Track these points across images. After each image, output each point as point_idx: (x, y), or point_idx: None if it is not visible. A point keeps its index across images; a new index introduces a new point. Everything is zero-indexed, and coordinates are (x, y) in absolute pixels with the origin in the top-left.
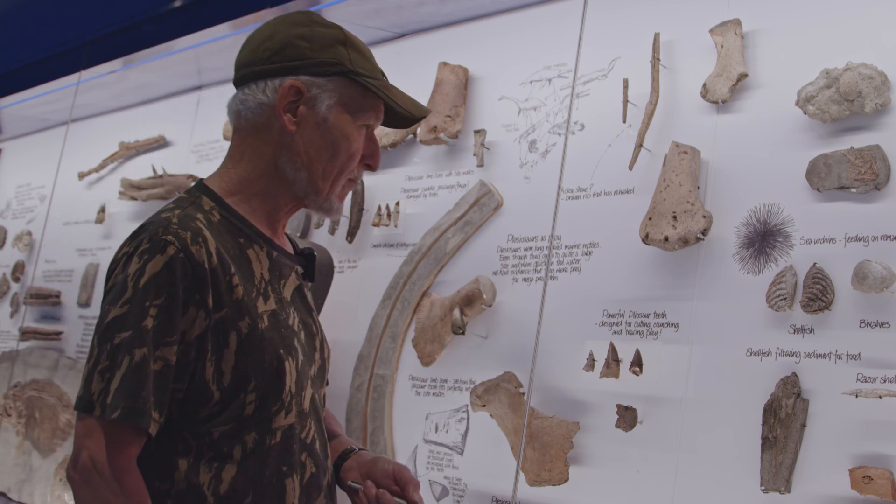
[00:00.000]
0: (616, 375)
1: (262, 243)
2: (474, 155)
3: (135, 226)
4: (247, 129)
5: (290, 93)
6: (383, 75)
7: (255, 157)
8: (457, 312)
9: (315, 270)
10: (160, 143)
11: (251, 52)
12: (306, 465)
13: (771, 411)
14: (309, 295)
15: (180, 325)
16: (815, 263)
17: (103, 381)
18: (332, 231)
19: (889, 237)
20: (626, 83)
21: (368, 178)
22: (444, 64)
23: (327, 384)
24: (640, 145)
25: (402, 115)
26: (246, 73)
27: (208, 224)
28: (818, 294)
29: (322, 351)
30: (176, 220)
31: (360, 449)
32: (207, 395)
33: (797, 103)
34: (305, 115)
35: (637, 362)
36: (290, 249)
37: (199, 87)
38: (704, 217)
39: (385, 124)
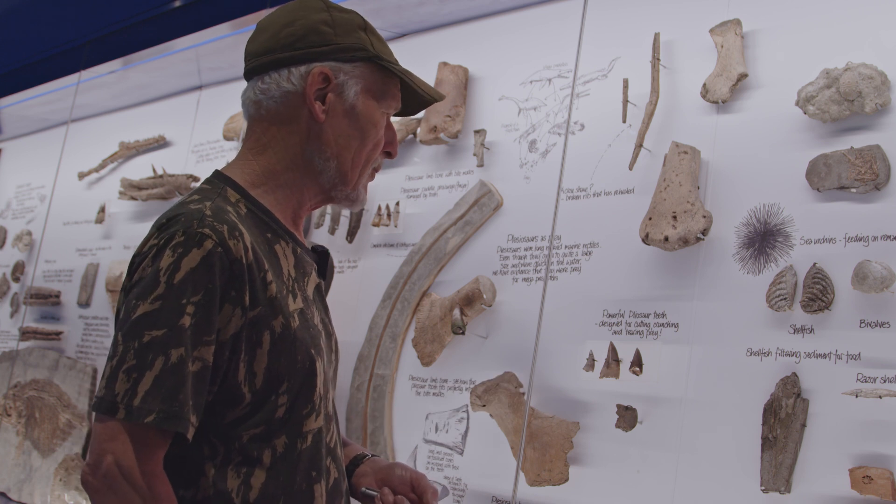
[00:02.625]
0: (616, 375)
1: (288, 239)
2: (474, 155)
3: (135, 226)
4: (269, 119)
5: (318, 79)
6: (397, 62)
7: (280, 149)
8: (457, 312)
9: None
10: (160, 143)
11: (270, 39)
12: (331, 471)
13: (771, 411)
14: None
15: (216, 324)
16: (815, 263)
17: (129, 381)
18: (332, 231)
19: (889, 237)
20: (626, 83)
21: None
22: (444, 64)
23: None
24: (640, 145)
25: (423, 97)
26: (266, 62)
27: (238, 217)
28: (818, 294)
29: (336, 353)
30: (210, 212)
31: (372, 455)
32: (238, 398)
33: (797, 103)
34: (334, 103)
35: (637, 362)
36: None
37: (199, 87)
38: (704, 217)
39: (398, 113)
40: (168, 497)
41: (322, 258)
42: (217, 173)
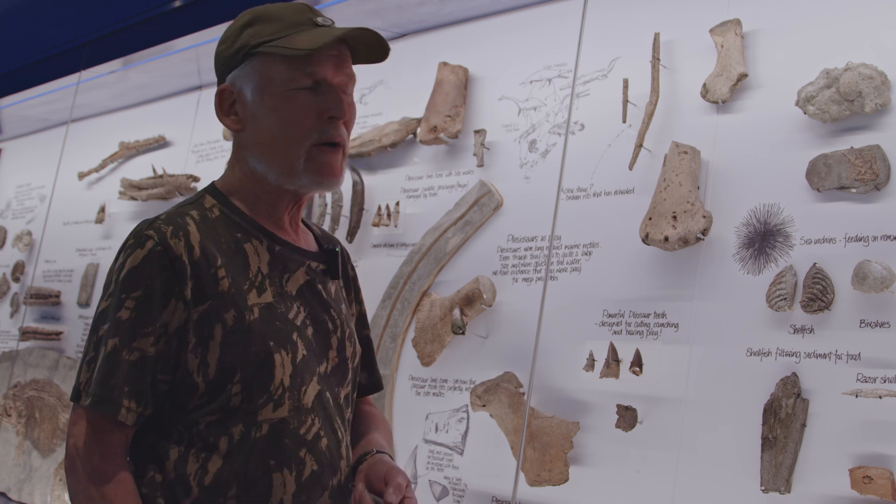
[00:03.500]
0: (616, 375)
1: (263, 238)
2: (474, 155)
3: (135, 226)
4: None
5: (222, 98)
6: (315, 24)
7: (237, 165)
8: (457, 312)
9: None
10: (160, 143)
11: None
12: (305, 462)
13: (771, 411)
14: (332, 292)
15: (161, 317)
16: (815, 263)
17: (89, 371)
18: (332, 231)
19: (889, 237)
20: (626, 83)
21: (368, 178)
22: (444, 64)
23: (380, 388)
24: (640, 145)
25: (306, 51)
26: None
27: (202, 220)
28: (818, 294)
29: (342, 350)
30: (164, 216)
31: (377, 451)
32: (193, 387)
33: (797, 103)
34: (242, 110)
35: (637, 362)
36: (308, 245)
37: (199, 87)
38: (704, 217)
39: (363, 61)
40: (114, 479)
41: (331, 257)
42: (208, 185)
